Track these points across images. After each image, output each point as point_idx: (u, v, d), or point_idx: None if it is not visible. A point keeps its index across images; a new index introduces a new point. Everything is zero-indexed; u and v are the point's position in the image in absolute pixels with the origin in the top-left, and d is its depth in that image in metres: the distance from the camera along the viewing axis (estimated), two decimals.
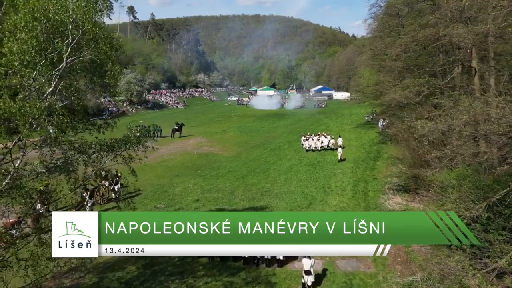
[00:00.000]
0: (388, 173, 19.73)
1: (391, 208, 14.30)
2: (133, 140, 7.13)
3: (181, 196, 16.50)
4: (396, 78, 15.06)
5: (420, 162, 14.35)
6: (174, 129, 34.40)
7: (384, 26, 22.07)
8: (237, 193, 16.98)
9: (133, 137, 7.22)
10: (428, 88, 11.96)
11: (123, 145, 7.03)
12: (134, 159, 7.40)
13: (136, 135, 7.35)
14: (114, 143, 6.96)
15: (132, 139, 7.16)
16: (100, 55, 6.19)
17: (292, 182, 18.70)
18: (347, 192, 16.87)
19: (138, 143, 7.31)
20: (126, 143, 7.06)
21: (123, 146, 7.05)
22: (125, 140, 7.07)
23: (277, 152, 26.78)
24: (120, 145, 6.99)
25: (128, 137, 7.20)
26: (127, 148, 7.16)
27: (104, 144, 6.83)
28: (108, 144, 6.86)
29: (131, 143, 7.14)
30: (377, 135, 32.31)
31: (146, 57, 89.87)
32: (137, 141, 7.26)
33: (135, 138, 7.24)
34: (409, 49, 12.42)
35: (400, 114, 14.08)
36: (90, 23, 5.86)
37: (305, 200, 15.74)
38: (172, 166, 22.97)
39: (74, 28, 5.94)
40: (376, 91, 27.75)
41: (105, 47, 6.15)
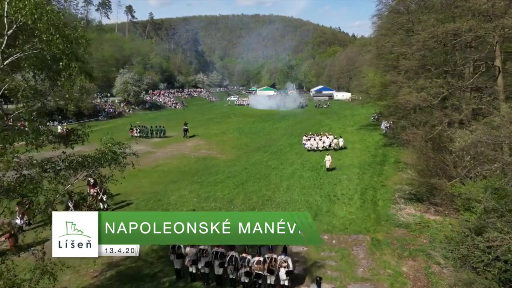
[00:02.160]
0: (397, 179, 18.52)
1: (404, 220, 13.08)
2: (108, 157, 5.88)
3: (176, 206, 15.27)
4: (410, 78, 13.86)
5: (436, 170, 13.16)
6: (184, 129, 34.00)
7: (392, 24, 20.86)
8: (236, 202, 15.76)
9: (109, 153, 5.97)
10: (448, 89, 10.78)
11: (96, 162, 5.78)
12: (110, 179, 6.17)
13: (113, 150, 6.08)
14: (84, 160, 5.72)
15: (107, 156, 5.90)
16: (50, 49, 4.89)
17: (295, 190, 17.48)
18: (355, 201, 15.65)
19: (114, 160, 6.05)
20: (99, 160, 5.82)
21: (97, 163, 5.80)
22: (98, 157, 5.82)
23: (278, 156, 25.56)
24: (93, 162, 5.75)
25: (102, 153, 5.96)
26: (101, 166, 5.92)
27: (75, 160, 5.59)
28: (78, 161, 5.62)
29: (106, 161, 5.89)
30: (381, 137, 31.13)
31: (144, 56, 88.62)
32: (112, 159, 5.99)
33: (111, 154, 5.98)
34: (427, 46, 11.27)
35: (417, 118, 12.88)
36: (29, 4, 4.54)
37: (310, 211, 14.48)
38: (168, 171, 21.75)
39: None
40: (382, 92, 26.55)
41: (55, 39, 4.84)
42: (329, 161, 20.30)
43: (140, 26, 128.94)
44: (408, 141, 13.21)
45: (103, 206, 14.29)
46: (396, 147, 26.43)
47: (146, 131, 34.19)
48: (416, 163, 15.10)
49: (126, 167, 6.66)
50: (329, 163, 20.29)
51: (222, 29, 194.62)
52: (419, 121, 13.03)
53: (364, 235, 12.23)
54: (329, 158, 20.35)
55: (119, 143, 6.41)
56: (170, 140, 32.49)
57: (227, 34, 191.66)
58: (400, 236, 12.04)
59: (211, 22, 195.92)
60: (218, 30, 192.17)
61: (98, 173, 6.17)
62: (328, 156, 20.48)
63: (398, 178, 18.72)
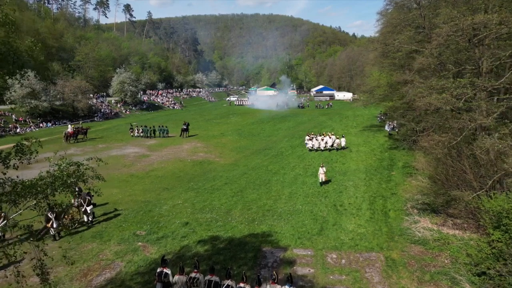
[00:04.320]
0: (408, 187, 17.23)
1: (421, 236, 11.77)
2: (57, 184, 4.55)
3: (168, 217, 13.94)
4: (426, 78, 12.56)
5: (455, 180, 11.85)
6: (183, 128, 34.21)
7: (400, 20, 19.53)
8: (234, 213, 14.44)
9: (64, 177, 4.64)
10: (473, 90, 9.50)
11: (44, 188, 4.46)
12: (68, 209, 4.87)
13: (66, 173, 4.74)
14: (34, 184, 4.39)
15: (60, 181, 4.57)
16: None
17: (298, 198, 16.17)
18: (364, 212, 14.34)
19: (65, 187, 4.71)
20: (50, 185, 4.50)
21: (47, 189, 4.49)
22: (47, 183, 4.51)
23: (279, 159, 24.26)
24: (42, 188, 4.43)
25: (54, 177, 4.63)
26: (54, 192, 4.60)
27: (19, 184, 4.28)
28: (25, 185, 4.31)
29: (61, 186, 4.56)
30: (386, 139, 29.88)
31: (142, 56, 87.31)
32: (63, 185, 4.65)
33: (63, 178, 4.65)
34: (449, 41, 9.97)
35: (434, 121, 11.56)
36: None
37: (315, 223, 13.20)
38: (162, 176, 20.43)
39: None
40: (388, 92, 25.23)
41: None
42: (323, 174, 17.74)
43: (138, 25, 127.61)
44: (427, 148, 11.85)
45: (87, 218, 12.96)
46: (403, 150, 25.19)
47: (149, 130, 33.90)
48: (432, 171, 13.76)
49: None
50: (323, 176, 17.74)
51: (222, 28, 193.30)
52: (437, 124, 11.73)
53: (376, 253, 10.92)
54: (323, 171, 17.79)
55: (76, 163, 5.09)
56: (167, 142, 31.21)
57: (227, 34, 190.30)
58: (418, 254, 10.74)
59: (210, 22, 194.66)
60: (218, 30, 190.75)
61: (52, 202, 4.85)
62: (323, 168, 17.91)
63: (409, 185, 17.43)
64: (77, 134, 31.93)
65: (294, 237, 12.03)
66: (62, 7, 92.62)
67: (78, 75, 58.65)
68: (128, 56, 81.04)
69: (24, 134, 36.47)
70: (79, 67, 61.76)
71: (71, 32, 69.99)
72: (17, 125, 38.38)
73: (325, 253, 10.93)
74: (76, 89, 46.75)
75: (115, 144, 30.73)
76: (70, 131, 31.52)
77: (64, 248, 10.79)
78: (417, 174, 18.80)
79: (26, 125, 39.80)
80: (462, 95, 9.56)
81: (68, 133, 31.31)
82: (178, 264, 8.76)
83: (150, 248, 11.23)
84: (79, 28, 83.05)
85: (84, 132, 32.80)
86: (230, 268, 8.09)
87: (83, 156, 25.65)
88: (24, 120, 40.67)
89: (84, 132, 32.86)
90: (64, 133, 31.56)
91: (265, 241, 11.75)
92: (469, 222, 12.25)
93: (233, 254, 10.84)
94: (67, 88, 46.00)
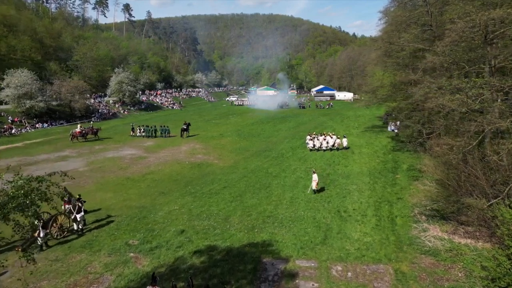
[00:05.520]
0: (414, 191, 16.51)
1: (431, 246, 11.06)
2: (10, 207, 3.79)
3: (163, 224, 13.22)
4: (438, 77, 11.87)
5: (467, 186, 11.15)
6: (182, 128, 34.13)
7: (405, 17, 18.82)
8: (233, 219, 13.73)
9: (20, 195, 3.91)
10: (489, 90, 8.80)
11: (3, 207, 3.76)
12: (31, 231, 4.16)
13: (22, 192, 3.99)
14: None
15: (18, 200, 3.84)
16: None
17: (299, 203, 15.46)
18: (369, 219, 13.63)
19: (22, 209, 3.98)
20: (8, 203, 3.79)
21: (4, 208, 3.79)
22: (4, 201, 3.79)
23: (280, 161, 23.54)
24: None
25: (8, 196, 3.91)
26: (10, 212, 3.89)
27: None
28: None
29: (18, 206, 3.84)
30: (389, 141, 29.19)
31: (141, 56, 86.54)
32: (18, 206, 3.91)
33: (19, 198, 3.91)
34: (464, 38, 9.28)
35: (446, 124, 10.86)
36: None
37: (318, 231, 12.48)
38: (159, 179, 19.71)
39: None
40: (392, 92, 24.52)
41: None
42: (315, 181, 16.54)
43: (138, 25, 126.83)
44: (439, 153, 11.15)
45: (77, 226, 12.24)
46: (407, 152, 24.49)
47: (150, 130, 33.80)
48: (442, 175, 13.04)
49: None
50: (315, 183, 16.53)
51: (222, 28, 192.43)
52: (447, 127, 11.03)
53: (385, 264, 10.22)
54: (316, 178, 16.58)
55: (37, 178, 4.38)
56: (165, 144, 30.51)
57: (227, 34, 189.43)
58: (429, 267, 10.03)
59: (210, 21, 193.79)
60: (217, 30, 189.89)
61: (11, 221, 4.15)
62: (315, 175, 16.67)
63: (415, 190, 16.72)
64: (86, 134, 32.09)
65: (296, 246, 11.32)
66: (60, 6, 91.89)
67: (76, 75, 57.94)
68: (127, 56, 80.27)
69: (19, 135, 35.74)
70: (77, 66, 61.08)
71: (69, 32, 69.22)
72: (12, 126, 37.63)
73: (329, 264, 10.23)
74: (73, 89, 46.04)
75: (112, 145, 30.02)
76: (77, 131, 31.55)
77: (50, 260, 10.09)
78: (423, 177, 18.09)
79: (22, 126, 39.06)
80: (478, 96, 8.86)
81: (75, 133, 31.36)
82: (170, 279, 8.07)
83: (142, 260, 10.52)
84: (77, 27, 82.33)
85: (95, 132, 32.87)
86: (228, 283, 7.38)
87: (79, 158, 24.97)
88: (20, 121, 39.92)
89: (95, 132, 32.89)
90: (71, 132, 31.56)
91: (266, 251, 11.04)
92: (481, 230, 11.54)
93: (231, 266, 10.13)
94: (64, 88, 45.27)
